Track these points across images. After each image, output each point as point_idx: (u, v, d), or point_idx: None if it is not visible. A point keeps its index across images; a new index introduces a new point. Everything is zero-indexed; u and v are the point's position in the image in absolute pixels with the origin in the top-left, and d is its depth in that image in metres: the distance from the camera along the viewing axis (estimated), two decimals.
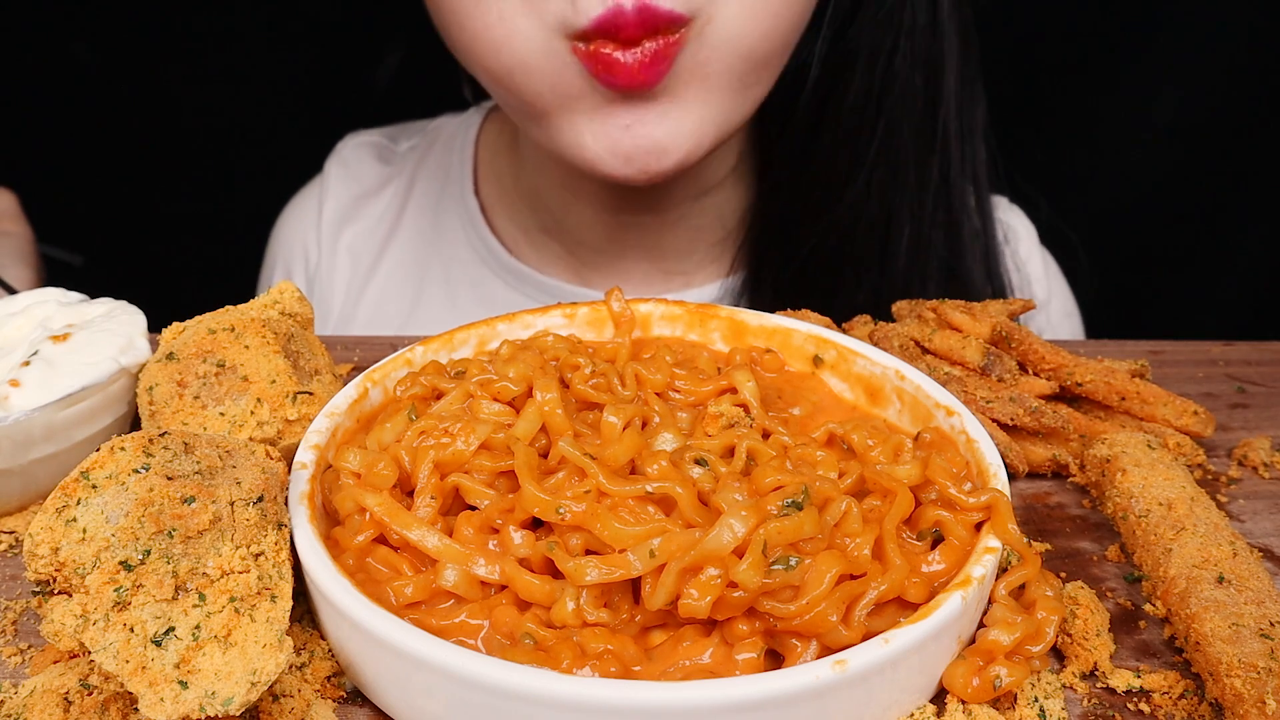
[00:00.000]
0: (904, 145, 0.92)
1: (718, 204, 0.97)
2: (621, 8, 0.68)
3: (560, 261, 0.99)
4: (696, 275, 0.99)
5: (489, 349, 0.66)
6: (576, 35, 0.71)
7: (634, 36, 0.69)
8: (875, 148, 0.91)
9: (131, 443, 0.46)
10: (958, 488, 0.52)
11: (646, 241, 0.97)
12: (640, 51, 0.70)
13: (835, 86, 0.90)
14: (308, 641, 0.49)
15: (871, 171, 0.91)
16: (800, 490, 0.48)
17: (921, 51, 0.90)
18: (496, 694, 0.42)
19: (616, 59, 0.70)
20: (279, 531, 0.47)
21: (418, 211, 1.04)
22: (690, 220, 0.96)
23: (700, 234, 0.97)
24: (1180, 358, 0.80)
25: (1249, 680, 0.45)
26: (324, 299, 1.05)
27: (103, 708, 0.43)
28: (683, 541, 0.46)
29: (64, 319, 0.64)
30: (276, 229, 1.11)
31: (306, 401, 0.58)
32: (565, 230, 0.97)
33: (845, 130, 0.90)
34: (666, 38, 0.71)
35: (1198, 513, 0.56)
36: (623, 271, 0.98)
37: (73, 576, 0.43)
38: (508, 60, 0.74)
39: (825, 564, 0.46)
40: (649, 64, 0.71)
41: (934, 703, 0.47)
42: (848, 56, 0.89)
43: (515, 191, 0.99)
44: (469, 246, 1.01)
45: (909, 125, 0.91)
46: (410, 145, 1.10)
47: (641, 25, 0.69)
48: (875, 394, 0.64)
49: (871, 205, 0.92)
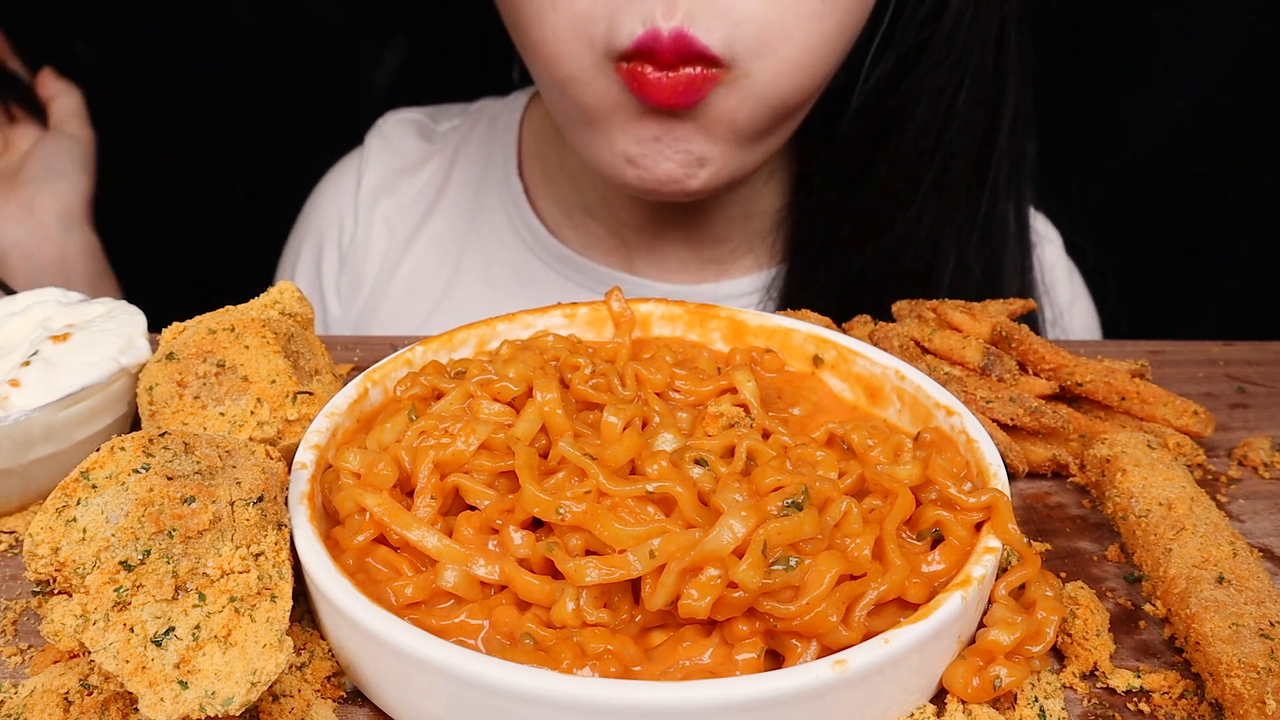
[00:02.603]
0: (958, 179, 0.93)
1: (753, 195, 0.98)
2: (659, 32, 0.72)
3: (601, 244, 1.00)
4: (732, 266, 1.00)
5: (489, 349, 0.66)
6: (618, 56, 0.74)
7: (670, 61, 0.73)
8: (930, 180, 0.92)
9: (131, 443, 0.46)
10: (958, 488, 0.52)
11: (685, 228, 0.98)
12: (677, 76, 0.74)
13: (896, 120, 0.91)
14: (308, 641, 0.49)
15: (924, 203, 0.93)
16: (800, 490, 0.48)
17: (983, 91, 0.92)
18: (496, 694, 0.42)
19: (652, 78, 0.74)
20: (279, 531, 0.47)
21: (458, 190, 1.05)
22: (728, 210, 0.97)
23: (736, 224, 0.99)
24: (1180, 358, 0.80)
25: (1249, 680, 0.45)
26: (357, 271, 1.06)
27: (103, 708, 0.43)
28: (683, 542, 0.46)
29: (64, 319, 0.64)
30: (312, 202, 1.11)
31: (306, 401, 0.58)
32: (609, 210, 0.98)
33: (902, 162, 0.92)
34: (705, 70, 0.74)
35: (1198, 513, 0.56)
36: (662, 255, 0.99)
37: (73, 576, 0.43)
38: (560, 73, 0.79)
39: (825, 564, 0.46)
40: (683, 88, 0.74)
41: (934, 703, 0.47)
42: (912, 94, 0.90)
43: (561, 173, 1.00)
44: (510, 227, 1.02)
45: (964, 159, 0.93)
46: (451, 126, 1.11)
47: (676, 51, 0.72)
48: (875, 394, 0.64)
49: (921, 233, 0.93)
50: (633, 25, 0.73)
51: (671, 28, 0.72)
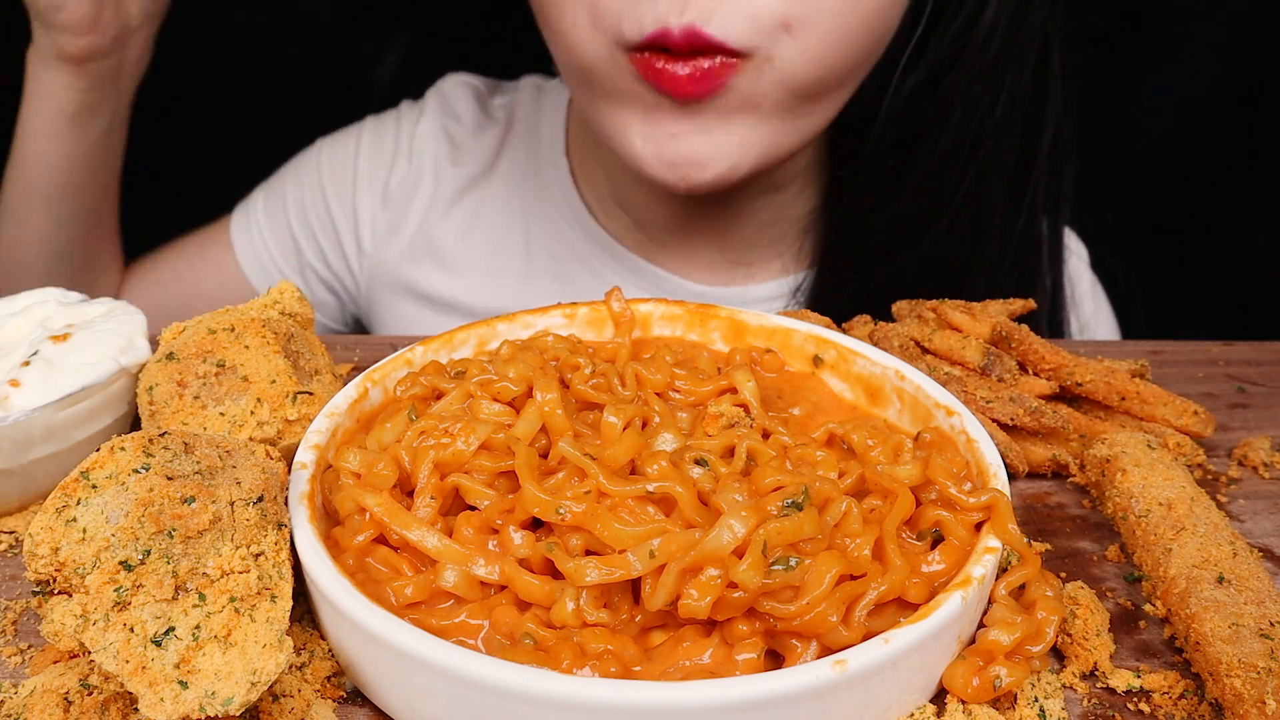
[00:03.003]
0: (992, 197, 0.93)
1: (786, 201, 0.98)
2: (669, 30, 0.72)
3: (630, 235, 1.01)
4: (760, 270, 1.00)
5: (489, 349, 0.66)
6: (631, 47, 0.75)
7: (684, 51, 0.73)
8: (961, 196, 0.92)
9: (131, 443, 0.46)
10: (958, 487, 0.52)
11: (713, 228, 0.98)
12: (692, 67, 0.74)
13: (927, 131, 0.90)
14: (308, 641, 0.49)
15: (955, 219, 0.92)
16: (800, 490, 0.48)
17: (1022, 106, 0.91)
18: (496, 694, 0.42)
19: (667, 70, 0.74)
20: (279, 531, 0.47)
21: (510, 164, 1.06)
22: (757, 214, 0.97)
23: (765, 229, 0.99)
24: (1180, 358, 0.80)
25: (1249, 680, 0.45)
26: (399, 213, 1.05)
27: (103, 708, 0.43)
28: (683, 542, 0.46)
29: (64, 319, 0.64)
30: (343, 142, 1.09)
31: (306, 401, 0.58)
32: (635, 205, 0.99)
33: (934, 172, 0.91)
34: (724, 59, 0.74)
35: (1198, 513, 0.56)
36: (689, 253, 0.99)
37: (73, 576, 0.43)
38: (577, 62, 0.80)
39: (825, 564, 0.46)
40: (699, 79, 0.74)
41: (934, 703, 0.47)
42: (944, 104, 0.89)
43: (594, 161, 1.01)
44: (554, 205, 1.03)
45: (1000, 178, 0.92)
46: (501, 101, 1.11)
47: (689, 44, 0.73)
48: (875, 394, 0.64)
49: (953, 246, 0.93)
50: (644, 22, 0.73)
51: (682, 25, 0.72)
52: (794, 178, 0.96)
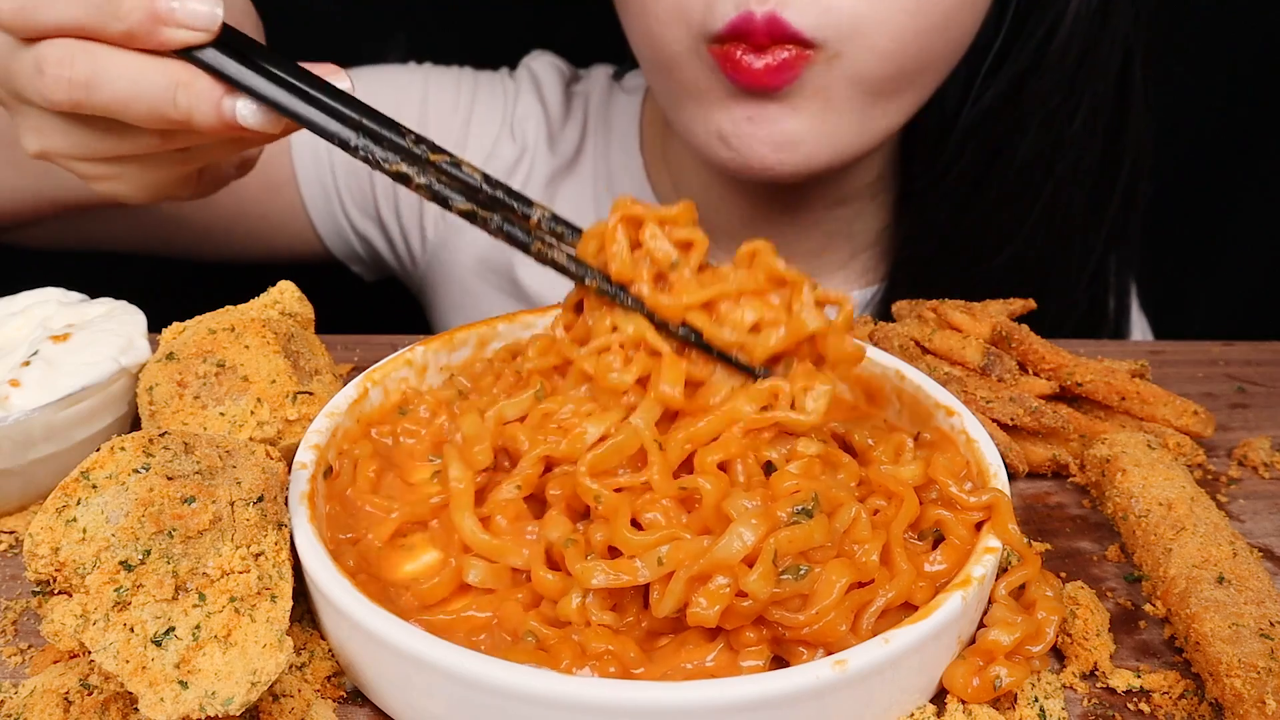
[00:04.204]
0: (1070, 213, 0.92)
1: (853, 215, 0.97)
2: (752, 15, 0.74)
3: None
4: (826, 281, 0.99)
5: (489, 349, 0.66)
6: (713, 39, 0.76)
7: (763, 43, 0.75)
8: (1038, 212, 0.91)
9: (131, 443, 0.46)
10: (958, 487, 0.52)
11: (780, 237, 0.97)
12: (769, 57, 0.75)
13: (1006, 143, 0.90)
14: (308, 641, 0.49)
15: (1034, 232, 0.92)
16: (811, 497, 0.48)
17: (1103, 119, 0.90)
18: (496, 694, 0.42)
19: (744, 61, 0.76)
20: (279, 531, 0.47)
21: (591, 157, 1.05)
22: (824, 226, 0.97)
23: (831, 241, 0.98)
24: (1180, 358, 0.80)
25: (1249, 680, 0.45)
26: None
27: (103, 708, 0.43)
28: (691, 550, 0.46)
29: (64, 319, 0.64)
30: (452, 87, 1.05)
31: (306, 401, 0.58)
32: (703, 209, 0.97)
33: (1011, 187, 0.91)
34: (799, 50, 0.75)
35: (1198, 513, 0.56)
36: None
37: (73, 576, 0.43)
38: (659, 56, 0.82)
39: (835, 573, 0.46)
40: (776, 69, 0.76)
41: (934, 703, 0.47)
42: (1022, 114, 0.89)
43: (663, 160, 1.01)
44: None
45: (1079, 194, 0.92)
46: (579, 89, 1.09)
47: (769, 33, 0.74)
48: (875, 394, 0.64)
49: (1029, 263, 0.92)
50: (727, 8, 0.75)
51: (765, 11, 0.73)
52: (861, 191, 0.96)
